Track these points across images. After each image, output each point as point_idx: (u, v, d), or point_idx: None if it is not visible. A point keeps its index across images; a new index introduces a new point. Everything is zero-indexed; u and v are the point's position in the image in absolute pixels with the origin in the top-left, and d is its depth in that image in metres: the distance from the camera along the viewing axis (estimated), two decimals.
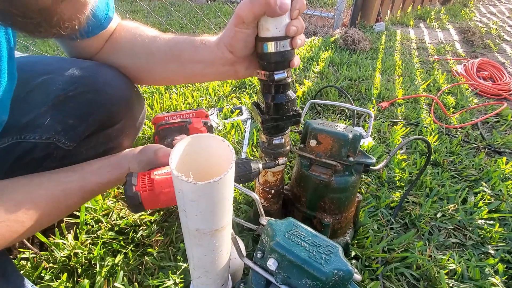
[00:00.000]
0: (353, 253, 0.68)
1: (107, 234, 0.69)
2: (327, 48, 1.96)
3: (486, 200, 0.86)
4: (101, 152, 0.56)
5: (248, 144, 1.02)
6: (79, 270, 0.62)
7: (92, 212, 0.74)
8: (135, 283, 0.60)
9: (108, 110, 0.52)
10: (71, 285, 0.60)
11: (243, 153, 0.98)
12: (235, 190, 0.83)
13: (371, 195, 0.86)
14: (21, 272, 0.59)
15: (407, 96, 1.40)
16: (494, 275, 0.65)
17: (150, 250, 0.67)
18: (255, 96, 0.54)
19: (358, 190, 0.85)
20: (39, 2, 0.28)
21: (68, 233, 0.69)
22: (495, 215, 0.80)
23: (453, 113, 1.31)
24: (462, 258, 0.69)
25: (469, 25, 2.61)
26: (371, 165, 0.60)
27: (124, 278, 0.61)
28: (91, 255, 0.64)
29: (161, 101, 1.25)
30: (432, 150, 0.94)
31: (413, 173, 0.94)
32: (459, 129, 1.21)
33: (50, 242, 0.65)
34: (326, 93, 1.37)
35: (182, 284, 0.61)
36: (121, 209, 0.76)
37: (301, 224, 0.41)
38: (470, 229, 0.77)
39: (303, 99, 1.34)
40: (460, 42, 2.34)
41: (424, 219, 0.79)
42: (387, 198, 0.83)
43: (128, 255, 0.65)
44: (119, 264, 0.63)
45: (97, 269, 0.61)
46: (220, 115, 1.20)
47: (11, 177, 0.42)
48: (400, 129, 1.14)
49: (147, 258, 0.65)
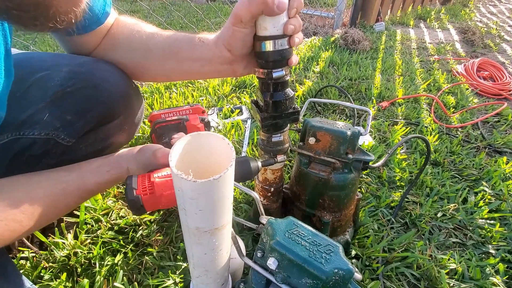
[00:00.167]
0: (353, 253, 0.68)
1: (106, 234, 0.68)
2: (327, 48, 1.96)
3: (487, 200, 0.85)
4: (100, 148, 0.55)
5: (248, 143, 1.02)
6: (79, 269, 0.62)
7: (91, 211, 0.73)
8: (135, 283, 0.60)
9: (106, 106, 0.52)
10: (70, 285, 0.59)
11: (243, 153, 0.98)
12: (235, 190, 0.83)
13: (371, 194, 0.85)
14: (21, 271, 0.59)
15: (407, 96, 1.40)
16: (495, 275, 0.65)
17: (150, 249, 0.67)
18: (255, 95, 0.54)
19: (358, 189, 0.85)
20: None
21: (67, 233, 0.69)
22: (496, 215, 0.80)
23: (454, 112, 1.31)
24: (463, 258, 0.69)
25: (469, 25, 2.61)
26: (370, 162, 0.59)
27: (124, 277, 0.61)
28: (91, 254, 0.64)
29: (161, 100, 1.25)
30: (431, 149, 0.94)
31: (413, 172, 0.94)
32: (460, 129, 1.20)
33: (49, 242, 0.65)
34: (326, 92, 1.37)
35: (182, 284, 0.60)
36: (121, 209, 0.76)
37: (302, 223, 0.41)
38: (470, 228, 0.77)
39: (303, 99, 1.34)
40: (460, 42, 2.34)
41: (424, 219, 0.78)
42: (387, 198, 0.83)
43: (128, 255, 0.65)
44: (118, 264, 0.63)
45: (97, 268, 0.61)
46: (220, 114, 1.20)
47: (10, 174, 0.42)
48: (400, 128, 1.13)
49: (147, 258, 0.65)
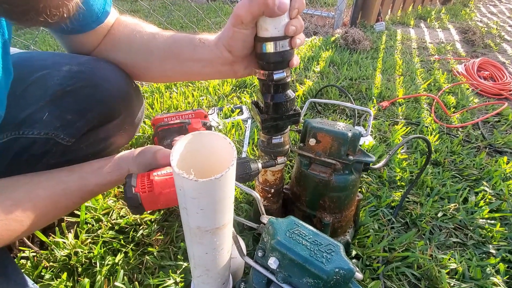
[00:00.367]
0: (354, 253, 0.68)
1: (107, 233, 0.68)
2: (328, 47, 1.96)
3: (487, 200, 0.85)
4: (101, 148, 0.55)
5: (249, 143, 1.02)
6: (79, 269, 0.62)
7: (92, 211, 0.73)
8: (136, 282, 0.60)
9: (107, 105, 0.52)
10: (71, 284, 0.59)
11: (243, 153, 0.98)
12: (236, 189, 0.83)
13: (372, 194, 0.85)
14: (22, 271, 0.59)
15: (408, 96, 1.40)
16: (495, 275, 0.65)
17: (150, 249, 0.67)
18: (255, 96, 0.54)
19: (359, 189, 0.85)
20: None
21: (68, 232, 0.69)
22: (496, 215, 0.80)
23: (454, 112, 1.31)
24: (463, 258, 0.69)
25: (470, 25, 2.61)
26: (371, 163, 0.59)
27: (125, 277, 0.61)
28: (92, 254, 0.64)
29: (161, 100, 1.25)
30: (432, 149, 0.94)
31: (414, 172, 0.94)
32: (460, 129, 1.20)
33: (50, 241, 0.65)
34: (326, 92, 1.37)
35: (182, 283, 0.61)
36: (121, 208, 0.76)
37: (302, 223, 0.41)
38: (471, 228, 0.77)
39: (303, 99, 1.34)
40: (460, 42, 2.33)
41: (425, 219, 0.78)
42: (388, 198, 0.83)
43: (129, 254, 0.65)
44: (119, 263, 0.63)
45: (98, 268, 0.61)
46: (221, 114, 1.20)
47: (11, 174, 0.42)
48: (401, 128, 1.13)
49: (147, 257, 0.65)
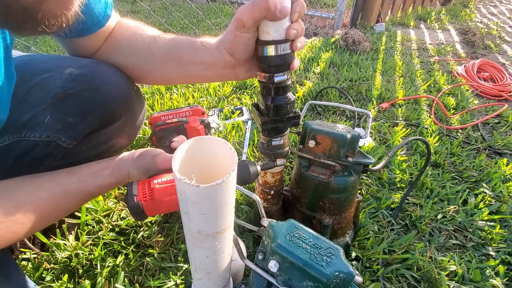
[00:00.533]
0: (353, 254, 0.68)
1: (108, 235, 0.69)
2: (328, 48, 1.96)
3: (487, 202, 0.86)
4: (102, 150, 0.56)
5: (249, 145, 1.02)
6: (80, 270, 0.62)
7: (93, 212, 0.74)
8: (136, 284, 0.60)
9: (108, 108, 0.52)
10: (72, 286, 0.60)
11: (243, 154, 0.98)
12: (236, 192, 0.83)
13: (371, 196, 0.86)
14: (23, 272, 0.59)
15: (408, 97, 1.40)
16: (495, 277, 0.65)
17: (151, 251, 0.67)
18: (256, 97, 0.54)
19: (358, 191, 0.85)
20: (22, 0, 0.26)
21: (69, 234, 0.69)
22: (496, 217, 0.80)
23: (454, 114, 1.31)
24: (463, 260, 0.69)
25: (470, 26, 2.61)
26: (370, 165, 0.60)
27: (125, 279, 0.61)
28: (92, 255, 0.64)
29: (161, 101, 1.25)
30: (431, 150, 0.94)
31: (413, 174, 0.94)
32: (460, 130, 1.21)
33: (51, 243, 0.65)
34: (326, 93, 1.37)
35: (183, 285, 0.61)
36: (122, 210, 0.76)
37: (303, 226, 0.41)
38: (470, 230, 0.77)
39: (303, 100, 1.34)
40: (460, 43, 2.34)
41: (424, 221, 0.79)
42: (387, 199, 0.83)
43: (129, 256, 0.66)
44: (120, 265, 0.63)
45: (98, 270, 0.61)
46: (221, 115, 1.20)
47: (11, 177, 0.42)
48: (401, 130, 1.14)
49: (148, 259, 0.65)
